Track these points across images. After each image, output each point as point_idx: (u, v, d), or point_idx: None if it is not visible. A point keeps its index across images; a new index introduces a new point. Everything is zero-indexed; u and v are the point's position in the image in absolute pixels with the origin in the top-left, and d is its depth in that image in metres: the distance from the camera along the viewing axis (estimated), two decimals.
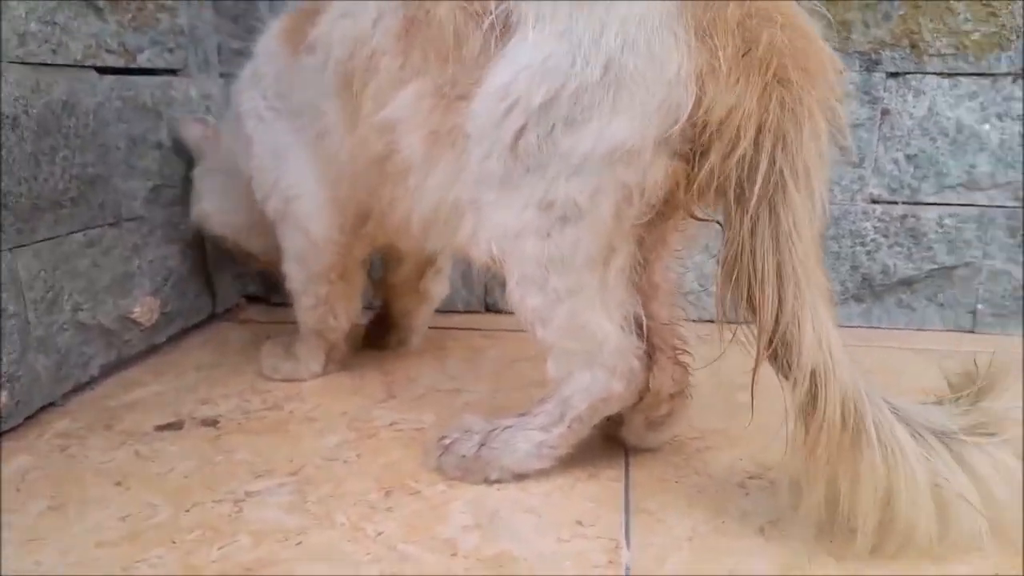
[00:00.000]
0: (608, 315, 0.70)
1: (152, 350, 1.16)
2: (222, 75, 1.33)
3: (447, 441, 0.79)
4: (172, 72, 1.21)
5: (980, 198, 1.24)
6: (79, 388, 1.01)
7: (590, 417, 0.74)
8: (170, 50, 1.19)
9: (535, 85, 0.64)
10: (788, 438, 0.63)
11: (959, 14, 1.17)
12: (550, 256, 0.69)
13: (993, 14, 1.17)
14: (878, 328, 1.31)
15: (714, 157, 0.62)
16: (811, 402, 0.62)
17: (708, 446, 0.85)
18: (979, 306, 1.28)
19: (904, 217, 1.26)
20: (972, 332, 1.29)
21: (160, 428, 0.90)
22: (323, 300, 1.00)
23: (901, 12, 1.18)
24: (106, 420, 0.92)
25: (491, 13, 0.68)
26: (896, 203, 1.26)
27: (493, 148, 0.67)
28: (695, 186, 0.64)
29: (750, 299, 0.62)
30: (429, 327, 1.20)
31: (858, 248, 1.28)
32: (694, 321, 0.88)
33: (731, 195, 0.63)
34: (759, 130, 0.60)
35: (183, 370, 1.09)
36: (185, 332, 1.24)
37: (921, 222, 1.26)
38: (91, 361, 1.03)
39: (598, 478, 0.78)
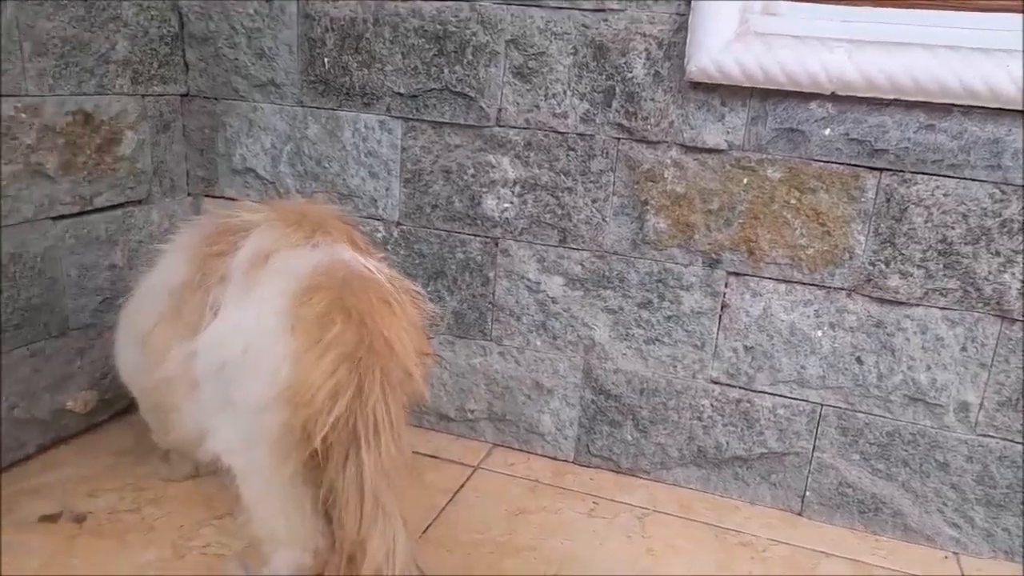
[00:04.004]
0: (297, 506, 0.91)
1: (90, 428, 1.46)
2: (189, 195, 1.61)
3: None
4: (135, 203, 1.48)
5: (812, 395, 1.31)
6: (13, 465, 1.31)
7: None
8: (131, 187, 1.47)
9: (214, 354, 0.87)
10: None
11: (796, 229, 1.25)
12: (249, 469, 0.91)
13: (827, 233, 1.23)
14: (713, 494, 1.40)
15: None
16: None
17: None
18: (807, 493, 1.35)
19: (739, 401, 1.35)
20: (800, 515, 1.36)
21: (42, 519, 1.18)
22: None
23: (741, 221, 1.27)
24: (9, 503, 1.21)
25: (213, 300, 0.92)
26: (734, 387, 1.35)
27: (206, 391, 0.91)
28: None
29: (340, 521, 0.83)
30: None
31: (695, 422, 1.38)
32: None
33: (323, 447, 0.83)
34: (335, 397, 0.81)
35: (100, 454, 1.38)
36: (124, 412, 1.53)
37: (755, 407, 1.34)
38: (27, 443, 1.34)
39: None
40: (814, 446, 1.32)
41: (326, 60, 1.42)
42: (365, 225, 1.47)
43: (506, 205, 1.39)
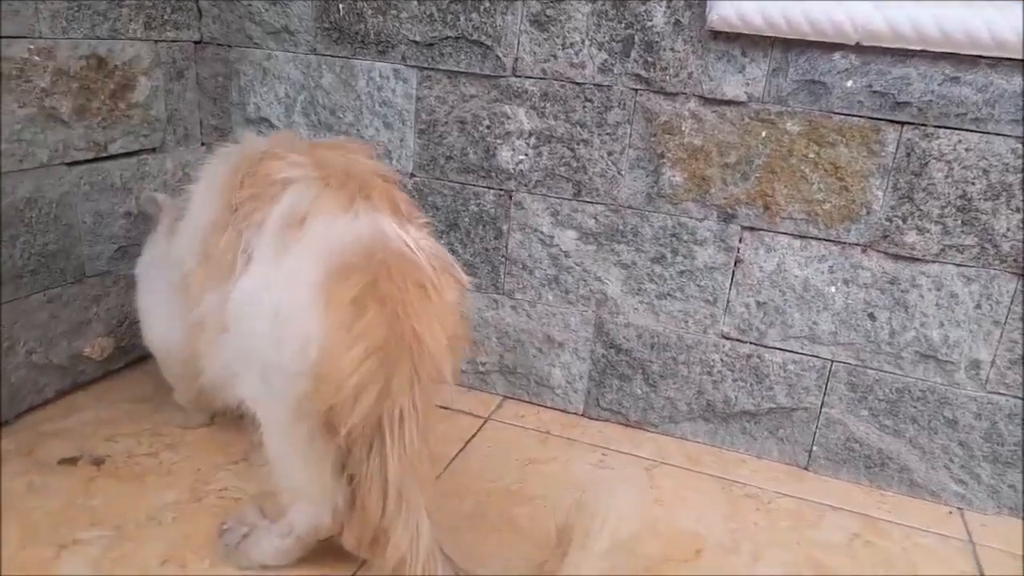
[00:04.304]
0: (318, 463, 0.92)
1: (107, 375, 1.48)
2: (203, 144, 1.60)
3: (224, 527, 1.03)
4: (150, 151, 1.48)
5: (823, 351, 1.31)
6: (33, 408, 1.34)
7: (309, 537, 0.97)
8: (145, 135, 1.46)
9: (245, 307, 0.86)
10: None
11: (813, 184, 1.23)
12: (271, 421, 0.91)
13: (845, 188, 1.22)
14: (720, 448, 1.42)
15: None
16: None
17: None
18: (814, 448, 1.36)
19: (750, 356, 1.35)
20: (807, 469, 1.38)
21: (61, 462, 1.20)
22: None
23: (758, 175, 1.26)
24: (30, 446, 1.24)
25: (246, 244, 0.91)
26: (744, 342, 1.35)
27: (235, 338, 0.90)
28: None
29: (363, 505, 0.83)
30: None
31: (704, 376, 1.39)
32: None
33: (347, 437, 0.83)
34: (361, 392, 0.79)
35: (118, 400, 1.40)
36: (141, 360, 1.54)
37: (765, 363, 1.35)
38: (46, 388, 1.36)
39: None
40: (823, 402, 1.33)
41: (341, 6, 1.40)
42: None
43: (521, 157, 1.38)
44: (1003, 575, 1.15)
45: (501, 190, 1.41)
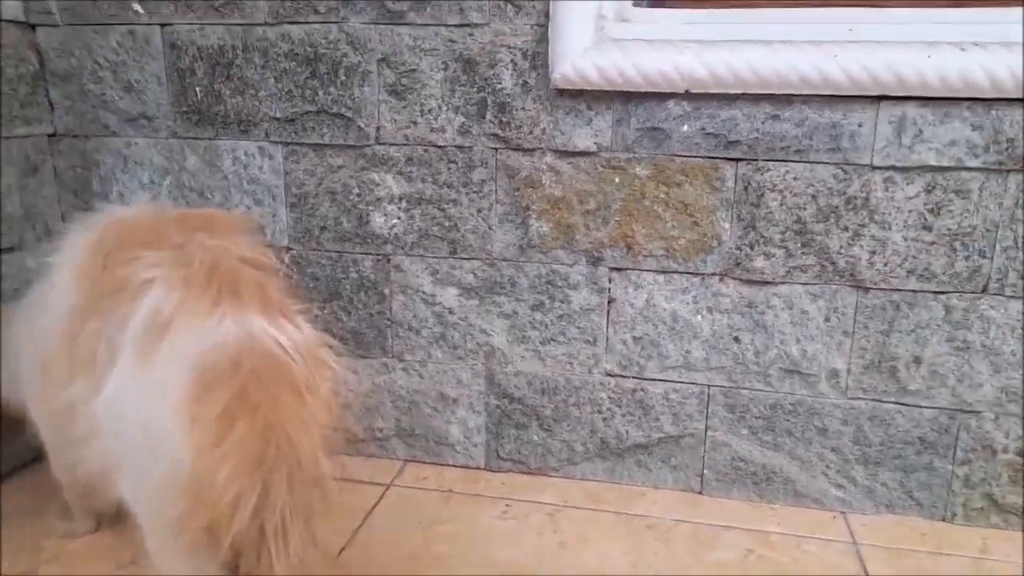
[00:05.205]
0: (206, 569, 0.89)
1: None
2: None
3: None
4: (8, 250, 1.42)
5: (699, 378, 1.38)
6: None
7: None
8: (1, 235, 1.41)
9: (113, 416, 0.85)
10: None
11: (667, 222, 1.32)
12: (150, 527, 0.89)
13: (696, 223, 1.31)
14: (619, 483, 1.45)
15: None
16: None
17: None
18: (705, 471, 1.41)
19: (634, 390, 1.41)
20: (701, 494, 1.43)
21: None
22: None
23: (617, 218, 1.33)
24: None
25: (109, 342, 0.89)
26: (627, 377, 1.41)
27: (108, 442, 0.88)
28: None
29: None
30: None
31: (595, 415, 1.43)
32: None
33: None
34: (237, 505, 0.79)
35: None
36: (7, 475, 1.45)
37: (649, 395, 1.40)
38: None
39: None
40: (706, 426, 1.39)
41: (198, 89, 1.41)
42: None
43: (394, 221, 1.41)
44: (885, 571, 1.22)
45: (379, 255, 1.44)
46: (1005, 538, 1.31)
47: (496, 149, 1.35)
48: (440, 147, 1.36)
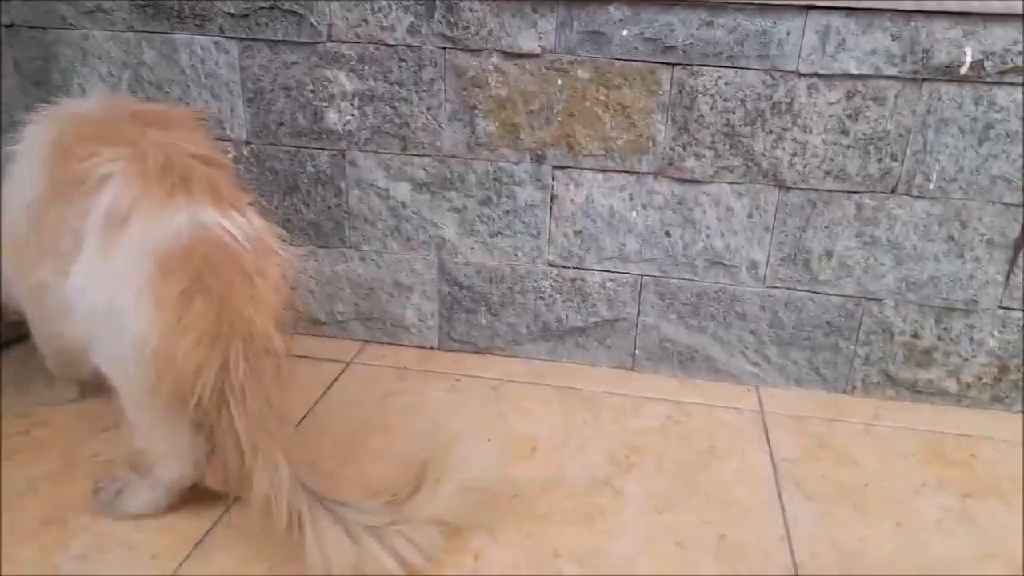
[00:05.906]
0: (174, 425, 1.02)
1: None
2: None
3: (98, 485, 1.13)
4: None
5: (633, 268, 1.50)
6: None
7: (176, 486, 1.09)
8: None
9: (82, 297, 0.95)
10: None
11: (606, 123, 1.40)
12: (125, 391, 1.01)
13: (633, 125, 1.39)
14: (559, 362, 1.61)
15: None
16: (267, 514, 0.96)
17: None
18: (636, 351, 1.57)
19: (574, 280, 1.53)
20: (632, 371, 1.59)
21: None
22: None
23: (559, 119, 1.41)
24: None
25: (75, 228, 0.97)
26: (568, 268, 1.53)
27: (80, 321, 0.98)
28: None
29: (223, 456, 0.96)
30: None
31: (539, 302, 1.56)
32: None
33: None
34: (199, 372, 0.91)
35: None
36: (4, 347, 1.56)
37: (587, 284, 1.53)
38: None
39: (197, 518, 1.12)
40: (638, 311, 1.53)
41: None
42: None
43: (348, 118, 1.48)
44: (784, 434, 1.40)
45: (334, 150, 1.51)
46: (897, 408, 1.49)
47: (444, 49, 1.40)
48: (390, 46, 1.41)
